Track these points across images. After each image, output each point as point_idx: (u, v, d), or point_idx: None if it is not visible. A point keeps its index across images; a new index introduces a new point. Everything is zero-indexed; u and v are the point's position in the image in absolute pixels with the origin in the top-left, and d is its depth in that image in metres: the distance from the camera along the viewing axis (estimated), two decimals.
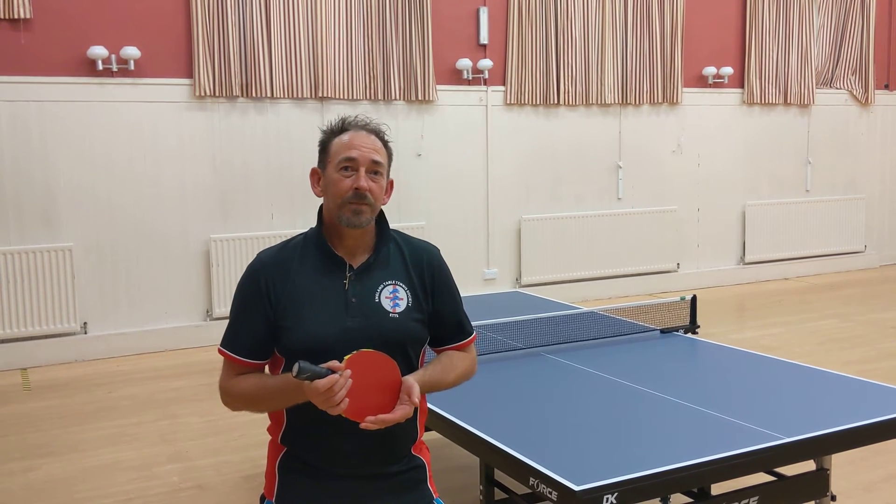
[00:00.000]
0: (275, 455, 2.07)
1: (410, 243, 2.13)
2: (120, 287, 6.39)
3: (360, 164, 1.99)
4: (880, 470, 3.94)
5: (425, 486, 2.11)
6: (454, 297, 2.15)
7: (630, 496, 2.20)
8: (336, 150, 2.03)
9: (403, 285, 2.04)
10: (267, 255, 2.08)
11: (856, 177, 9.68)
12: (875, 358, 5.91)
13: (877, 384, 3.12)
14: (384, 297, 2.01)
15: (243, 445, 4.44)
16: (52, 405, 5.23)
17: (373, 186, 1.99)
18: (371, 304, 1.99)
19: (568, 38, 7.81)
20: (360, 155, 1.99)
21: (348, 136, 2.03)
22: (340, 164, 2.00)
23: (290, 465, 2.04)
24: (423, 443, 2.15)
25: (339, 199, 1.98)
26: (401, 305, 2.02)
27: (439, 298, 2.10)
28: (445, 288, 2.12)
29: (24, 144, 6.06)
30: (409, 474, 2.07)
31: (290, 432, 2.02)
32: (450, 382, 2.08)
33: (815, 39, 9.17)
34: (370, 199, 1.98)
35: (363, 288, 2.00)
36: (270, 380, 1.98)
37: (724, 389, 3.14)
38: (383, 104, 7.16)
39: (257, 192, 6.80)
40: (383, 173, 2.03)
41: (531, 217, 7.88)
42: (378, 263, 2.04)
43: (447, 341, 2.15)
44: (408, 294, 2.04)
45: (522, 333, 3.77)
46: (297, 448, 2.02)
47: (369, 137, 2.03)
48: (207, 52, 6.47)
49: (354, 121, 2.07)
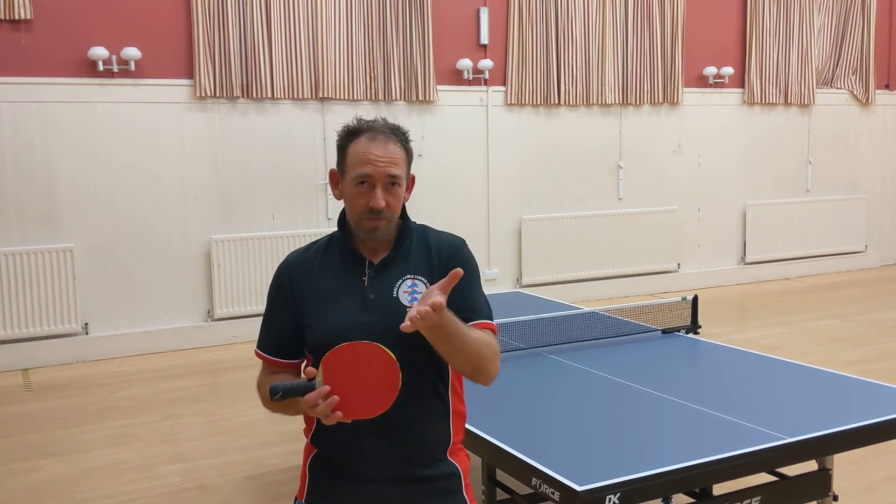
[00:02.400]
0: (307, 455, 2.06)
1: (437, 237, 2.08)
2: (121, 288, 6.39)
3: (377, 181, 1.93)
4: (882, 470, 3.94)
5: (460, 496, 2.01)
6: (471, 280, 1.99)
7: (632, 496, 2.20)
8: (352, 162, 1.96)
9: (424, 279, 2.00)
10: (292, 256, 2.09)
11: (856, 177, 9.68)
12: (876, 358, 5.91)
13: (878, 384, 3.12)
14: (402, 291, 1.98)
15: (245, 446, 4.44)
16: (54, 406, 5.23)
17: (390, 200, 1.94)
18: (389, 299, 1.97)
19: (568, 39, 7.81)
20: (376, 171, 1.93)
21: (363, 146, 1.95)
22: (356, 179, 1.94)
23: (319, 466, 2.02)
24: (461, 448, 2.06)
25: (356, 214, 1.96)
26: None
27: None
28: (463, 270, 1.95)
29: (25, 145, 6.06)
30: (441, 482, 1.99)
31: (318, 433, 2.01)
32: (469, 342, 1.85)
33: (815, 39, 9.17)
34: (387, 214, 1.94)
35: (382, 284, 1.98)
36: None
37: (726, 390, 3.14)
38: (384, 104, 7.16)
39: (258, 192, 6.80)
40: (401, 183, 1.97)
41: (532, 217, 7.88)
42: (398, 259, 2.01)
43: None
44: (427, 288, 1.97)
45: (524, 334, 3.77)
46: (326, 449, 2.00)
47: (386, 145, 1.95)
48: (208, 53, 6.47)
49: (371, 123, 1.99)
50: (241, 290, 6.65)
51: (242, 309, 6.63)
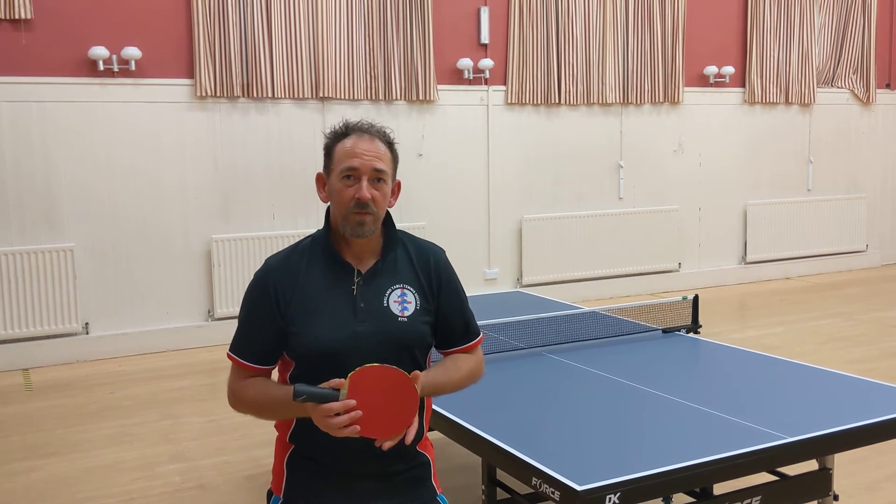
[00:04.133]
0: (283, 452, 2.09)
1: (417, 245, 2.12)
2: (121, 287, 6.39)
3: (363, 173, 1.97)
4: (883, 469, 3.93)
5: (429, 483, 2.12)
6: (460, 297, 2.15)
7: (633, 496, 2.19)
8: (338, 158, 2.00)
9: (411, 288, 2.04)
10: (274, 260, 2.07)
11: (857, 176, 9.67)
12: (877, 357, 5.91)
13: (879, 383, 3.12)
14: (392, 300, 2.01)
15: (245, 445, 4.43)
16: (54, 405, 5.23)
17: (375, 195, 1.97)
18: (380, 308, 1.99)
19: (569, 38, 7.80)
20: (362, 164, 1.97)
21: (351, 143, 2.00)
22: (343, 172, 1.98)
23: (298, 463, 2.05)
24: (427, 439, 2.16)
25: (343, 208, 1.98)
26: (409, 309, 2.01)
27: (445, 300, 2.10)
28: (451, 289, 2.12)
29: (26, 145, 6.06)
30: (414, 471, 2.08)
31: (298, 431, 2.04)
32: (454, 385, 2.08)
33: (816, 38, 9.16)
34: (373, 208, 1.97)
35: (371, 292, 2.00)
36: (275, 390, 1.99)
37: (727, 389, 3.14)
38: (384, 104, 7.16)
39: (258, 192, 6.80)
40: (387, 179, 2.01)
41: (532, 217, 7.88)
42: (386, 267, 2.04)
43: (453, 343, 2.14)
44: (416, 297, 2.03)
45: (524, 333, 3.76)
46: (305, 447, 2.03)
47: (373, 142, 2.00)
48: (208, 53, 6.47)
49: (357, 124, 2.03)
50: (241, 290, 6.56)
51: None
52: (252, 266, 6.66)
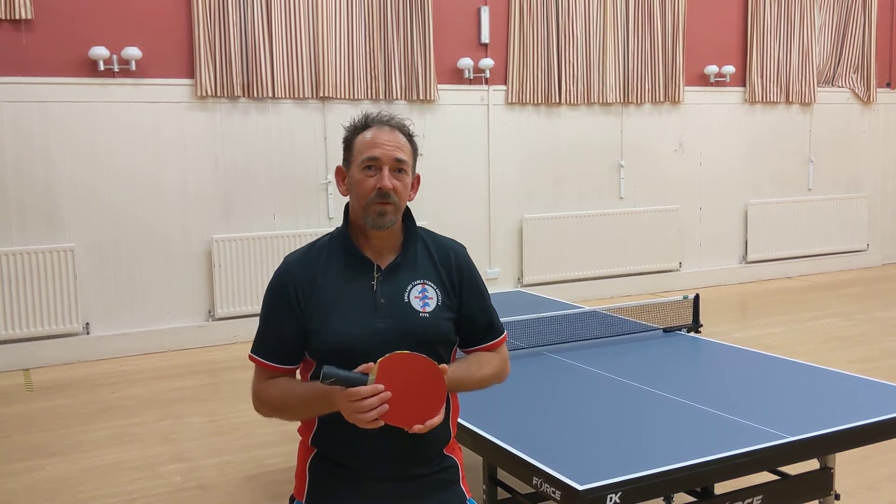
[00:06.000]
0: (305, 456, 2.05)
1: (437, 241, 2.09)
2: (122, 287, 6.39)
3: (384, 163, 1.94)
4: (884, 468, 3.93)
5: (458, 487, 2.07)
6: (483, 295, 2.11)
7: (633, 495, 2.19)
8: (359, 149, 1.98)
9: (433, 284, 2.00)
10: (293, 258, 2.04)
11: (858, 175, 9.67)
12: (878, 356, 5.91)
13: (880, 382, 3.11)
14: (413, 296, 1.97)
15: (246, 445, 4.43)
16: (55, 405, 5.23)
17: (397, 185, 1.95)
18: (401, 304, 1.96)
19: (569, 37, 7.80)
20: (384, 153, 1.94)
21: (371, 134, 1.98)
22: (364, 163, 1.96)
23: (320, 467, 2.01)
24: (455, 442, 2.11)
25: (364, 199, 1.95)
26: (430, 305, 1.98)
27: (468, 297, 2.06)
28: (474, 286, 2.08)
29: (26, 145, 6.06)
30: (441, 475, 2.03)
31: (320, 434, 2.00)
32: (475, 382, 2.03)
33: (816, 38, 9.16)
34: (394, 199, 1.94)
35: (392, 288, 1.97)
36: (299, 387, 1.96)
37: (727, 388, 3.14)
38: (385, 104, 7.15)
39: (259, 192, 6.80)
40: (408, 170, 1.99)
41: (533, 216, 7.88)
42: (406, 263, 2.01)
43: (477, 341, 2.10)
44: (437, 293, 2.00)
45: (525, 333, 3.76)
46: (328, 450, 1.99)
47: (393, 134, 1.98)
48: (209, 52, 6.47)
49: (377, 117, 2.01)
50: (241, 290, 6.65)
51: (243, 309, 6.62)
52: (253, 266, 6.67)
